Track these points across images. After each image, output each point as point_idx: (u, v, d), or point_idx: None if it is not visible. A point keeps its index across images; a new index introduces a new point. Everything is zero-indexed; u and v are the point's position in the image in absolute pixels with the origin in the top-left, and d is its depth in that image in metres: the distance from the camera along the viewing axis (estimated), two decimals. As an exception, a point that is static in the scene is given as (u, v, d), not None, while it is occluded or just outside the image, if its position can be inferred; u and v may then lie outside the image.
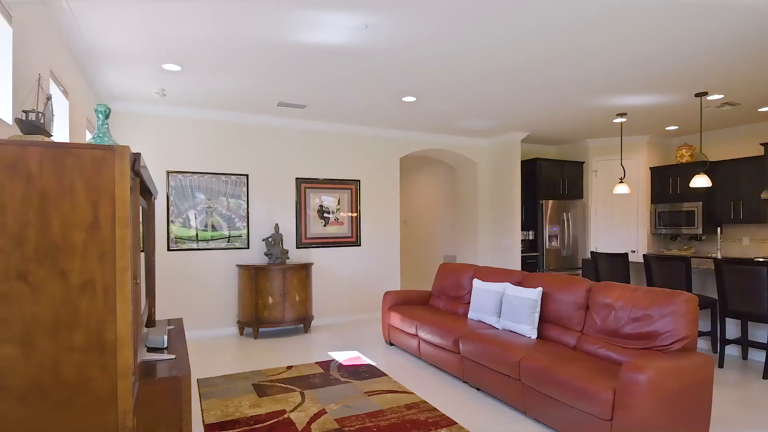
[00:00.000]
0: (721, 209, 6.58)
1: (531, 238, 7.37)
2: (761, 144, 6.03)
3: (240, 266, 5.39)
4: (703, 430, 2.66)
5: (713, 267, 4.26)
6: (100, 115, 1.99)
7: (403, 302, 5.15)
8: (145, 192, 2.77)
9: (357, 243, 6.41)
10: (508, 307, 3.81)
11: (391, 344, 5.03)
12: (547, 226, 7.20)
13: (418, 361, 4.44)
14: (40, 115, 1.80)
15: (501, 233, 7.18)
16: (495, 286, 4.08)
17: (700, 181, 5.03)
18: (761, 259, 3.89)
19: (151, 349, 2.46)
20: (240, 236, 5.62)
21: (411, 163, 9.69)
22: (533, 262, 7.27)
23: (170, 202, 5.27)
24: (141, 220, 2.73)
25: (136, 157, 1.55)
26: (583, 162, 7.63)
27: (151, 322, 3.13)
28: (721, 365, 4.21)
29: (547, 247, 7.20)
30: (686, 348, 2.72)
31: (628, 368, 2.38)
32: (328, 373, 4.03)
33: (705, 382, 2.62)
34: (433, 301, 5.17)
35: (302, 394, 3.52)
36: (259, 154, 5.75)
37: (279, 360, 4.49)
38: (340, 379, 3.86)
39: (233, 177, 5.59)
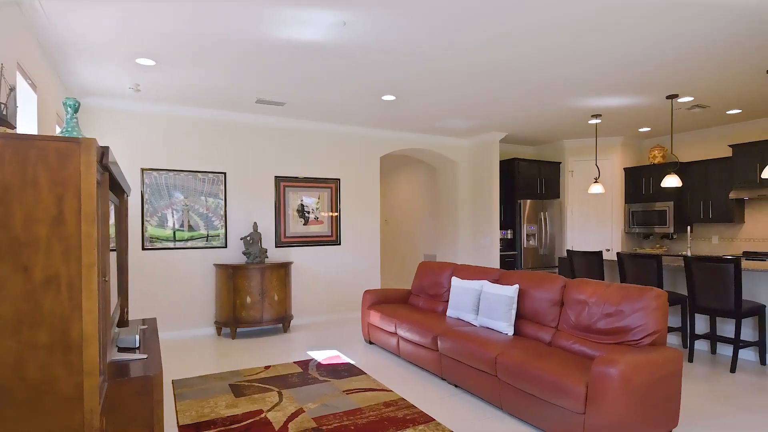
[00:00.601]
0: (692, 209, 6.78)
1: (509, 237, 7.46)
2: (729, 145, 6.24)
3: (217, 265, 5.32)
4: (673, 422, 2.74)
5: (683, 264, 4.39)
6: (69, 109, 1.93)
7: (382, 301, 5.15)
8: (117, 188, 2.71)
9: (337, 242, 6.39)
10: (486, 305, 3.85)
11: (371, 343, 5.03)
12: (525, 225, 7.30)
13: (397, 360, 4.45)
14: (3, 106, 1.74)
15: (480, 232, 7.26)
16: (473, 284, 4.12)
17: (671, 181, 5.17)
18: (729, 257, 4.02)
19: (122, 349, 2.40)
20: (218, 235, 5.54)
21: (392, 162, 9.71)
22: (512, 261, 7.37)
23: (145, 200, 5.16)
24: (113, 217, 2.67)
25: (104, 151, 1.51)
26: (560, 162, 7.77)
27: (123, 322, 3.06)
28: (690, 360, 4.34)
29: (525, 245, 7.30)
30: (656, 342, 2.80)
31: (599, 362, 2.43)
32: (306, 373, 4.00)
33: (674, 375, 2.69)
34: (413, 300, 5.18)
35: (280, 393, 3.48)
36: (237, 152, 5.67)
37: (257, 360, 4.44)
38: (318, 378, 3.84)
39: (210, 175, 5.50)
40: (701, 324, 4.80)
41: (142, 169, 5.15)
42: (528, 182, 7.45)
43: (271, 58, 3.77)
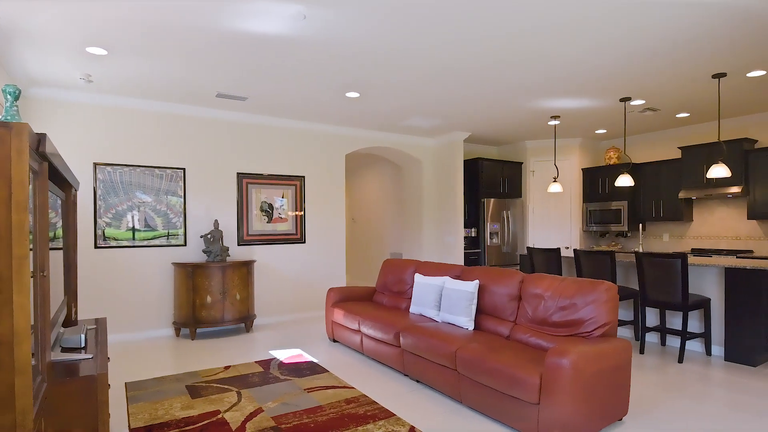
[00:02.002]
0: (644, 208, 7.09)
1: (473, 235, 7.58)
2: (679, 147, 6.56)
3: (176, 264, 5.15)
4: (623, 410, 2.85)
5: (635, 260, 4.58)
6: (9, 96, 1.84)
7: (347, 298, 5.13)
8: (62, 182, 2.58)
9: (302, 240, 6.32)
10: (447, 300, 3.89)
11: (335, 341, 5.00)
12: (488, 224, 7.44)
13: (360, 357, 4.44)
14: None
15: (445, 230, 7.34)
16: (435, 280, 4.16)
17: (624, 180, 5.39)
18: (676, 253, 4.22)
19: (67, 349, 2.29)
20: (176, 233, 5.37)
21: (358, 160, 9.70)
22: (476, 259, 7.49)
23: (98, 196, 4.95)
24: (59, 212, 2.54)
25: (40, 138, 1.43)
26: (522, 162, 7.96)
27: (71, 322, 2.92)
28: (642, 351, 4.53)
29: (489, 243, 7.44)
30: (607, 333, 2.91)
31: (552, 354, 2.50)
32: (267, 372, 3.93)
33: (624, 364, 2.80)
34: (377, 297, 5.19)
35: (239, 393, 3.41)
36: (197, 148, 5.52)
37: (217, 360, 4.33)
38: (279, 377, 3.79)
39: (169, 171, 5.33)
40: (652, 317, 5.02)
41: (95, 164, 4.93)
42: (491, 181, 7.59)
43: (230, 50, 3.69)
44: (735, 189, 5.90)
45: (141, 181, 5.17)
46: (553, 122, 6.34)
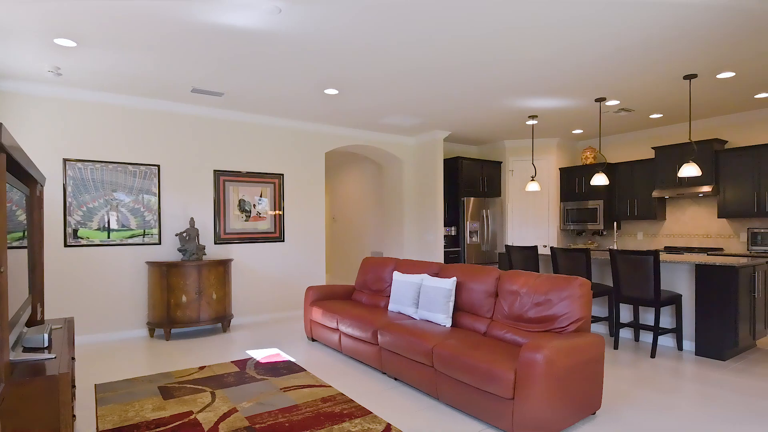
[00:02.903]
0: (619, 207, 7.23)
1: (453, 233, 7.62)
2: (652, 148, 6.70)
3: (150, 263, 5.04)
4: (596, 404, 2.89)
5: (609, 258, 4.66)
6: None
7: (326, 297, 5.09)
8: (26, 177, 2.49)
9: (280, 238, 6.25)
10: (425, 298, 3.90)
11: (314, 340, 4.96)
12: (468, 222, 7.48)
13: (339, 355, 4.41)
14: None
15: (425, 229, 7.36)
16: (413, 278, 4.16)
17: (599, 179, 5.48)
18: (649, 250, 4.31)
19: (30, 349, 2.20)
20: (151, 231, 5.25)
21: (339, 159, 9.65)
22: (455, 257, 7.53)
23: (68, 193, 4.80)
24: (24, 208, 2.45)
25: (-6, 127, 1.37)
26: (501, 162, 8.03)
27: (36, 321, 2.82)
28: (616, 347, 4.61)
29: (468, 242, 7.48)
30: (581, 329, 2.94)
31: (526, 349, 2.52)
32: (243, 372, 3.87)
33: (597, 359, 2.84)
34: (356, 295, 5.16)
35: (213, 393, 3.35)
36: (172, 144, 5.40)
37: (191, 361, 4.25)
38: (255, 377, 3.73)
39: (143, 167, 5.20)
40: (626, 313, 5.12)
41: (65, 160, 4.79)
42: (471, 180, 7.64)
43: (205, 44, 3.62)
44: (706, 188, 6.06)
45: (113, 178, 5.03)
46: (530, 122, 6.41)
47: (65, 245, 4.79)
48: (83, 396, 3.38)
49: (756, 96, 5.23)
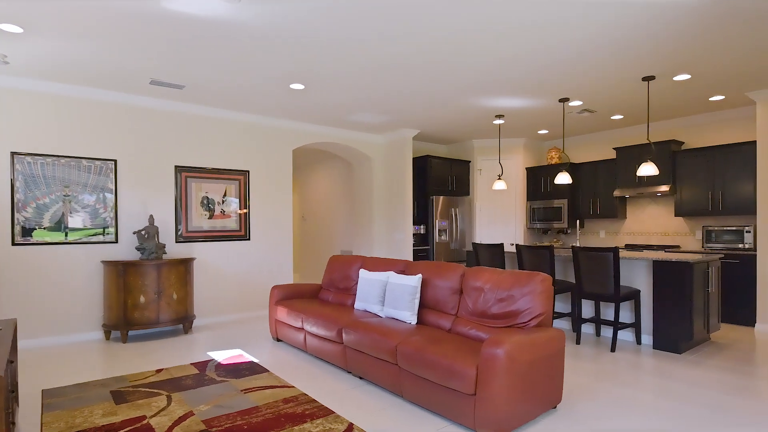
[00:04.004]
0: (583, 206, 7.40)
1: (422, 232, 7.63)
2: (614, 148, 6.89)
3: (106, 262, 4.82)
4: (557, 397, 2.92)
5: (572, 255, 4.75)
6: None
7: (291, 296, 4.99)
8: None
9: (246, 237, 6.10)
10: (391, 295, 3.86)
11: (279, 340, 4.86)
12: (437, 221, 7.51)
13: (304, 355, 4.33)
14: None
15: (394, 228, 7.34)
16: (379, 276, 4.12)
17: (563, 178, 5.59)
18: (609, 247, 4.41)
19: (-40, 354, 2.05)
20: (106, 229, 5.02)
21: (308, 157, 9.53)
22: (424, 255, 7.54)
23: (16, 189, 4.53)
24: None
25: None
26: (470, 161, 8.10)
27: (-28, 325, 2.64)
28: (578, 342, 4.70)
29: (437, 240, 7.51)
30: (542, 324, 2.97)
31: (487, 344, 2.51)
32: (203, 374, 3.74)
33: (557, 353, 2.87)
34: (323, 294, 5.09)
35: (169, 397, 3.21)
36: (130, 138, 5.19)
37: (148, 364, 4.08)
38: (215, 379, 3.61)
39: (98, 162, 4.97)
40: (588, 309, 5.23)
41: (13, 154, 4.52)
42: (440, 179, 7.67)
43: (162, 32, 3.48)
44: (664, 188, 6.27)
45: (66, 173, 4.79)
46: (497, 121, 6.48)
47: (13, 243, 4.52)
48: (29, 403, 3.19)
49: (711, 99, 5.44)
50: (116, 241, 5.07)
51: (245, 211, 6.08)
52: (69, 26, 3.34)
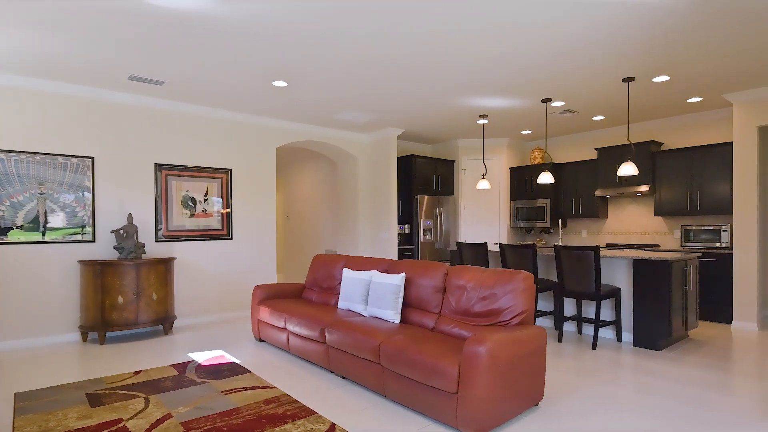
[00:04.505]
0: (565, 205, 7.49)
1: (407, 231, 7.63)
2: (595, 149, 6.98)
3: (83, 262, 4.70)
4: (539, 395, 2.93)
5: (554, 253, 4.79)
6: None
7: (274, 296, 4.94)
8: None
9: (228, 236, 6.02)
10: (374, 294, 3.84)
11: (262, 341, 4.80)
12: (421, 220, 7.51)
13: (287, 356, 4.28)
14: None
15: (379, 227, 7.32)
16: (363, 275, 4.10)
17: (545, 177, 5.64)
18: (591, 246, 4.47)
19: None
20: (83, 228, 4.90)
21: (293, 155, 9.45)
22: (409, 255, 7.54)
23: (-13, 186, 4.39)
24: None
25: None
26: (454, 161, 8.13)
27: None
28: (560, 340, 4.75)
29: (422, 239, 7.51)
30: (524, 321, 2.98)
31: (470, 342, 2.51)
32: (183, 375, 3.67)
33: (539, 351, 2.89)
34: (307, 294, 5.04)
35: (147, 399, 3.14)
36: (108, 135, 5.07)
37: (127, 366, 3.99)
38: (195, 381, 3.54)
39: (75, 159, 4.85)
40: (570, 307, 5.29)
41: (-16, 150, 4.38)
42: (425, 179, 7.68)
43: (140, 27, 3.40)
44: (644, 188, 6.37)
45: (42, 170, 4.66)
46: (481, 121, 6.52)
47: (-16, 243, 4.38)
48: (1, 407, 3.09)
49: (689, 100, 5.54)
50: (94, 241, 4.95)
51: (228, 210, 5.99)
52: (43, 19, 3.24)
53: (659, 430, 2.69)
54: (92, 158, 4.95)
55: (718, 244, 5.83)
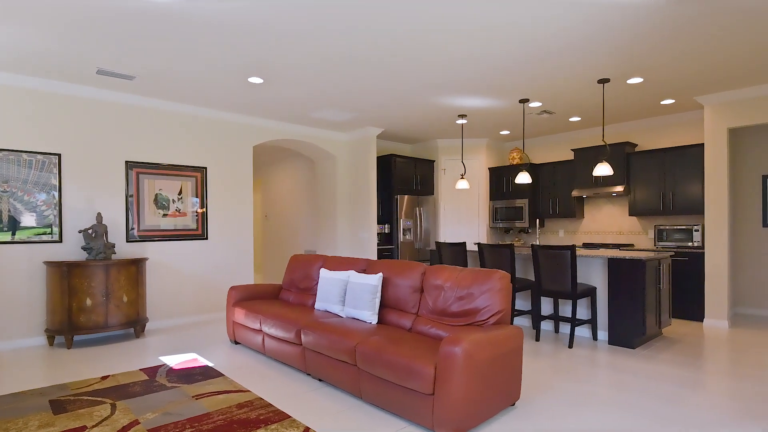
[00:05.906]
0: (543, 205, 7.56)
1: (387, 231, 7.59)
2: (572, 149, 7.07)
3: (49, 263, 4.51)
4: (515, 394, 2.93)
5: (531, 253, 4.81)
6: None
7: (250, 297, 4.84)
8: None
9: (204, 236, 5.88)
10: (351, 295, 3.79)
11: (237, 343, 4.69)
12: (401, 220, 7.49)
13: (262, 358, 4.19)
14: None
15: (358, 227, 7.26)
16: (340, 275, 4.04)
17: (523, 177, 5.67)
18: (567, 246, 4.50)
19: None
20: (51, 228, 4.71)
21: (271, 155, 9.32)
22: (389, 255, 7.50)
23: (-55, 184, 4.18)
24: None
25: None
26: (434, 160, 8.13)
27: None
28: (537, 339, 4.77)
29: (402, 239, 7.49)
30: (501, 321, 2.97)
31: (445, 343, 2.48)
32: (153, 380, 3.55)
33: (515, 350, 2.88)
34: (284, 294, 4.95)
35: (113, 405, 3.02)
36: (75, 131, 4.88)
37: (94, 370, 3.84)
38: (166, 385, 3.43)
39: (40, 156, 4.66)
40: (547, 306, 5.33)
41: (-59, 146, 4.17)
42: (404, 178, 7.66)
43: (107, 17, 3.27)
44: (618, 188, 6.48)
45: (4, 167, 4.46)
46: (460, 121, 6.52)
47: (-59, 244, 4.17)
48: (-47, 416, 2.92)
49: (662, 102, 5.65)
50: (60, 241, 4.77)
51: (203, 209, 5.85)
52: (4, 8, 3.09)
53: (634, 427, 2.71)
54: (59, 155, 4.76)
55: (690, 244, 5.96)
